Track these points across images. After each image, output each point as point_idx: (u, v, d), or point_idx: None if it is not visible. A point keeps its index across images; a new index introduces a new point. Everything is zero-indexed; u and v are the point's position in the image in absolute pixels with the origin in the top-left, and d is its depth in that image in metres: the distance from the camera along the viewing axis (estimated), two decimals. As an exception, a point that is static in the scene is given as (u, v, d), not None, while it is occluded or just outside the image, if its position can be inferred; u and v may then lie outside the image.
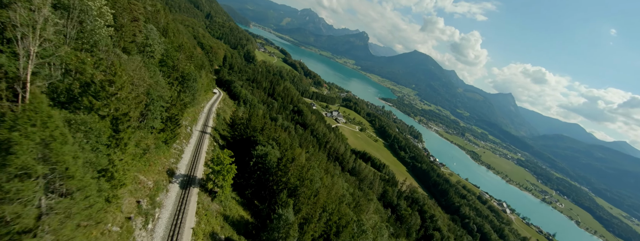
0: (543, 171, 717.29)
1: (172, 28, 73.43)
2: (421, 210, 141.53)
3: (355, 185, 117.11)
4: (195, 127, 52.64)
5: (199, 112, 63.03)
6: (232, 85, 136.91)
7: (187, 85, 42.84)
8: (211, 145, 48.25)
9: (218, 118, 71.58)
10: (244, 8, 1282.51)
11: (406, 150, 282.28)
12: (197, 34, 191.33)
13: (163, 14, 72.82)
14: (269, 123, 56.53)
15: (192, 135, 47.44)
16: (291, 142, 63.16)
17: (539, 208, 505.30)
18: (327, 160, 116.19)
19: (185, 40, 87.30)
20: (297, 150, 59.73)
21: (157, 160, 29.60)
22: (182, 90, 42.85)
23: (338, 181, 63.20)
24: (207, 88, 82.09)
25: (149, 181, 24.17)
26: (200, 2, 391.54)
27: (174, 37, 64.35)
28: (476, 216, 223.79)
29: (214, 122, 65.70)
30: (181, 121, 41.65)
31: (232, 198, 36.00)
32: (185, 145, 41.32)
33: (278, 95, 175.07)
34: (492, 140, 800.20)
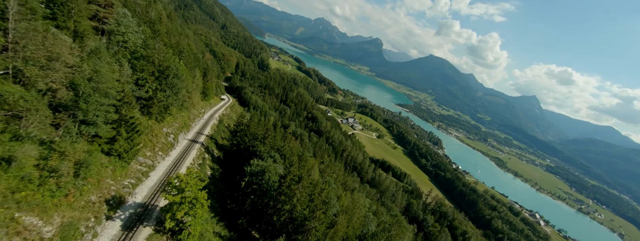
0: (576, 178, 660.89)
1: (168, 27, 65.72)
2: (451, 225, 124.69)
3: (376, 198, 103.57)
4: (185, 135, 42.85)
5: (195, 118, 53.65)
6: (243, 91, 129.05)
7: (166, 83, 33.34)
8: (199, 158, 38.14)
9: (219, 125, 61.98)
10: (259, 20, 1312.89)
11: (428, 158, 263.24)
12: (209, 41, 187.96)
13: (155, 8, 65.40)
14: (272, 130, 45.94)
15: (177, 146, 37.54)
16: (302, 152, 52.19)
17: (575, 219, 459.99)
18: (344, 170, 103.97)
19: (188, 42, 79.74)
20: (310, 161, 48.48)
21: (96, 184, 19.64)
22: (160, 88, 33.28)
23: (359, 198, 51.32)
24: (209, 92, 73.17)
25: (47, 226, 13.83)
26: (215, 14, 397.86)
27: (169, 37, 56.43)
28: (510, 231, 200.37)
29: (213, 130, 56.01)
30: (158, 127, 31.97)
31: (215, 233, 25.13)
32: (161, 160, 31.41)
33: (291, 102, 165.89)
34: (517, 145, 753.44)
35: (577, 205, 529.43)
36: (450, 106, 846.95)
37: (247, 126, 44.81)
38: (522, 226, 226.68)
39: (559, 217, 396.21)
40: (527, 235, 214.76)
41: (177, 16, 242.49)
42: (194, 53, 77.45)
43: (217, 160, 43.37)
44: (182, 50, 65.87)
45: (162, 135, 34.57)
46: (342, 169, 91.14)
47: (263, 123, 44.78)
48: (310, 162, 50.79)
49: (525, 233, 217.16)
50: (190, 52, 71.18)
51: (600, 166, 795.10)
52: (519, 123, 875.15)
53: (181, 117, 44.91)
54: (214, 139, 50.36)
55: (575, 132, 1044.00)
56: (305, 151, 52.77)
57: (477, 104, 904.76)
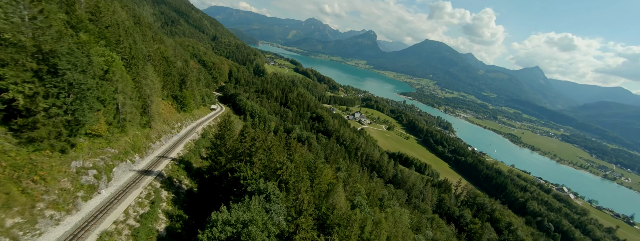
0: (594, 144, 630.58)
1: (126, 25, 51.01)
2: (491, 218, 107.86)
3: (404, 199, 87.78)
4: (130, 165, 27.97)
5: (160, 136, 38.97)
6: (237, 98, 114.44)
7: (56, 81, 18.46)
8: (145, 202, 23.31)
9: (200, 141, 47.05)
10: (250, 29, 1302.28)
11: (443, 144, 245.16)
12: (197, 52, 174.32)
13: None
14: (262, 139, 30.70)
15: (104, 186, 22.67)
16: (314, 165, 36.98)
17: (602, 186, 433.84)
18: (363, 172, 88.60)
19: (158, 46, 65.20)
20: (326, 176, 33.52)
21: None
22: (46, 91, 18.50)
23: (401, 216, 36.08)
24: (188, 101, 58.43)
25: None
26: (204, 27, 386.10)
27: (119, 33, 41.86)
28: (548, 212, 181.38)
29: (188, 149, 41.16)
30: (57, 161, 17.25)
31: None
32: (66, 214, 16.75)
33: (292, 103, 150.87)
34: (528, 118, 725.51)
35: (601, 172, 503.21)
36: (453, 88, 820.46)
37: (220, 138, 29.80)
38: (558, 205, 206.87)
39: (586, 187, 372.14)
40: (566, 213, 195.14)
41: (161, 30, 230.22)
42: (165, 57, 62.79)
43: (186, 198, 28.45)
44: (150, 55, 51.34)
45: (68, 175, 19.67)
46: (366, 176, 75.84)
47: (250, 134, 29.61)
48: (326, 177, 35.51)
49: (564, 212, 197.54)
50: (159, 55, 56.68)
51: (616, 128, 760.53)
52: (526, 96, 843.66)
53: (129, 137, 30.14)
54: (186, 163, 35.45)
55: (584, 97, 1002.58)
56: (318, 160, 37.28)
57: (481, 83, 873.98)
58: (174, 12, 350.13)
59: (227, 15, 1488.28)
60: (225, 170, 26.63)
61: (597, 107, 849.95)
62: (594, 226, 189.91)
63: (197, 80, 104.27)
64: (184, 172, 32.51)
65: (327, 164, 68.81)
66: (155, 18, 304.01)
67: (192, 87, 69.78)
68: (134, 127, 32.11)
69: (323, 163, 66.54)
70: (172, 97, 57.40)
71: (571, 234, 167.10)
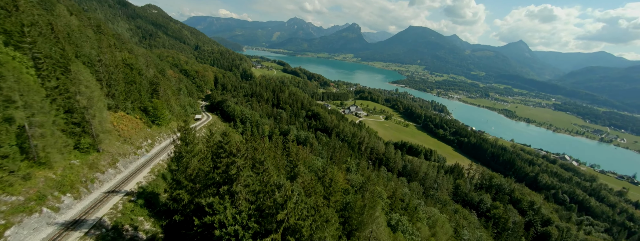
0: (586, 109, 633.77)
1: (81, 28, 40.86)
2: (511, 198, 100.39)
3: (421, 191, 79.40)
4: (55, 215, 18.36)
5: (117, 160, 29.44)
6: (224, 104, 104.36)
7: None
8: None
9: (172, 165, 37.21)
10: (233, 35, 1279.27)
11: (444, 127, 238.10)
12: (178, 62, 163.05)
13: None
14: (249, 150, 21.01)
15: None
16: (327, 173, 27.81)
17: (600, 150, 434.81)
18: (368, 166, 79.96)
19: (124, 54, 54.86)
20: (337, 180, 24.60)
21: None
22: None
23: (444, 224, 27.55)
24: (160, 112, 48.64)
25: None
26: (185, 37, 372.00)
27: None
28: (560, 183, 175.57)
29: (157, 174, 31.56)
30: None
31: None
32: None
33: (284, 104, 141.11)
34: (518, 92, 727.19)
35: (597, 136, 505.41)
36: (442, 71, 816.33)
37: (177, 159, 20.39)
38: (568, 174, 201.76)
39: (586, 153, 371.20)
40: (577, 182, 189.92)
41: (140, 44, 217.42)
42: (128, 64, 52.74)
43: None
44: (101, 59, 41.30)
45: None
46: (381, 175, 66.94)
47: (231, 146, 19.95)
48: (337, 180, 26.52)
49: (574, 181, 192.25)
50: (120, 63, 46.75)
51: (604, 92, 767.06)
52: (514, 71, 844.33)
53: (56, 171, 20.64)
54: (149, 196, 25.86)
55: (569, 65, 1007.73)
56: (330, 169, 28.06)
57: (468, 62, 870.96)
58: (151, 25, 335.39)
59: (208, 24, 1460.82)
60: (190, 210, 17.39)
61: (583, 74, 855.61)
62: (606, 192, 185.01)
63: (178, 90, 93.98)
64: (143, 210, 23.06)
65: (333, 165, 59.83)
66: (131, 33, 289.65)
67: (166, 96, 59.75)
68: (62, 156, 22.41)
69: (330, 165, 57.73)
70: (140, 109, 47.46)
71: (587, 203, 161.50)
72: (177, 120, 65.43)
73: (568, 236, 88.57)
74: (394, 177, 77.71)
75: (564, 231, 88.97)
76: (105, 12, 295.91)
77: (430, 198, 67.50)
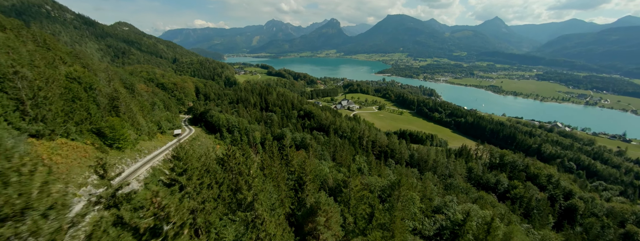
0: (567, 76, 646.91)
1: None
2: (528, 175, 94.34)
3: (439, 181, 71.84)
4: None
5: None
6: (208, 114, 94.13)
7: None
8: None
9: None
10: (212, 44, 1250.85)
11: (438, 110, 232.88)
12: (153, 76, 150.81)
13: None
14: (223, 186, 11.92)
15: None
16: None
17: (587, 113, 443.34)
18: (380, 162, 71.74)
19: (74, 67, 44.51)
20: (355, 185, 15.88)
21: None
22: None
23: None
24: (119, 133, 38.82)
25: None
26: (161, 52, 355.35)
27: None
28: (564, 151, 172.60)
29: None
30: None
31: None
32: None
33: (274, 106, 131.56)
34: (501, 68, 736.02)
35: (582, 100, 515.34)
36: (425, 56, 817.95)
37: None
38: (568, 141, 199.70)
39: (575, 118, 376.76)
40: (579, 148, 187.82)
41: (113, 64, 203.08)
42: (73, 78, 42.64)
43: None
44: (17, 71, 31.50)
45: None
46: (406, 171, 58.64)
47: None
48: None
49: (576, 147, 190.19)
50: (60, 77, 36.83)
51: (581, 57, 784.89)
52: (493, 47, 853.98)
53: None
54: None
55: (545, 36, 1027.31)
56: (352, 180, 19.07)
57: (449, 44, 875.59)
58: (123, 43, 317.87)
59: (185, 37, 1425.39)
60: None
61: (559, 42, 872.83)
62: (609, 154, 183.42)
63: (152, 105, 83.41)
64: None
65: (339, 167, 51.30)
66: (102, 53, 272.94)
67: (130, 113, 49.64)
68: None
69: (336, 168, 49.04)
70: (92, 132, 37.50)
71: (593, 168, 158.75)
72: (150, 138, 55.42)
73: (594, 207, 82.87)
74: (406, 170, 69.87)
75: (589, 201, 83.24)
76: (71, 34, 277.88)
77: (452, 189, 60.14)
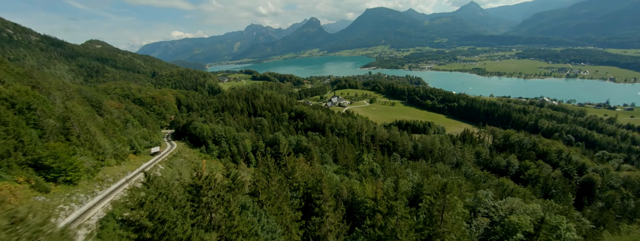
0: (545, 52, 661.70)
1: None
2: (537, 153, 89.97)
3: (450, 170, 65.96)
4: None
5: None
6: (191, 125, 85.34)
7: None
8: None
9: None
10: (193, 55, 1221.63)
11: (430, 97, 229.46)
12: (128, 92, 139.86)
13: None
14: None
15: None
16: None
17: (570, 85, 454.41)
18: (387, 158, 65.24)
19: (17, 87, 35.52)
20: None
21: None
22: None
23: None
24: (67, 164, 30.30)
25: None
26: (138, 67, 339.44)
27: None
28: (560, 124, 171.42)
29: None
30: None
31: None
32: None
33: (262, 110, 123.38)
34: (482, 50, 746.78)
35: (563, 73, 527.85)
36: (408, 46, 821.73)
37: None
38: (562, 114, 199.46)
39: (559, 91, 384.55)
40: (573, 120, 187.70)
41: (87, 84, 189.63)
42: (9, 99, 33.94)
43: None
44: None
45: None
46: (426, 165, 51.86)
47: None
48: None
49: (569, 119, 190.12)
50: None
51: (556, 32, 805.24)
52: (472, 31, 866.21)
53: None
54: None
55: (520, 15, 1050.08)
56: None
57: (430, 32, 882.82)
58: (96, 61, 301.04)
59: (164, 49, 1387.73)
60: None
61: (534, 20, 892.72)
62: (603, 123, 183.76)
63: (124, 122, 74.12)
64: None
65: (346, 170, 44.27)
66: (74, 74, 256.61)
67: (87, 134, 40.98)
68: None
69: (342, 171, 41.98)
70: (27, 165, 29.07)
71: (591, 138, 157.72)
72: (118, 161, 46.77)
73: (610, 178, 78.92)
74: (426, 165, 63.48)
75: (605, 174, 79.25)
76: (38, 56, 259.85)
77: (471, 180, 54.22)
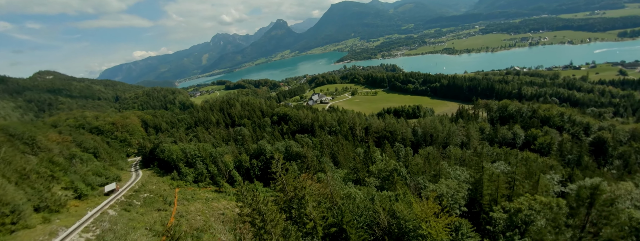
0: (506, 25, 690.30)
1: None
2: (541, 119, 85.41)
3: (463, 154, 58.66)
4: None
5: None
6: (158, 149, 72.12)
7: None
8: None
9: None
10: (160, 74, 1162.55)
11: (411, 81, 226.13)
12: (83, 121, 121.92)
13: None
14: None
15: None
16: None
17: (534, 52, 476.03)
18: (393, 154, 56.60)
19: None
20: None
21: None
22: None
23: None
24: None
25: None
26: (98, 93, 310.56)
27: None
28: (542, 88, 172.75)
29: None
30: None
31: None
32: None
33: (241, 118, 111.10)
34: (448, 31, 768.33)
35: (526, 43, 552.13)
36: (377, 35, 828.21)
37: None
38: (540, 80, 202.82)
39: (524, 59, 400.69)
40: (552, 83, 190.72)
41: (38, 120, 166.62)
42: None
43: None
44: None
45: None
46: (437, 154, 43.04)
47: None
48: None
49: (547, 82, 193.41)
50: None
51: (512, 6, 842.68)
52: (435, 14, 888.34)
53: None
54: None
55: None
56: None
57: (396, 20, 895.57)
58: (47, 93, 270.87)
59: (127, 72, 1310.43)
60: None
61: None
62: (580, 82, 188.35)
63: (69, 159, 59.94)
64: None
65: (355, 174, 34.69)
66: (22, 110, 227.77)
67: None
68: None
69: (350, 177, 32.45)
70: None
71: (573, 97, 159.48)
72: (50, 214, 33.98)
73: (617, 134, 75.30)
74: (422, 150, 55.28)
75: (613, 130, 75.52)
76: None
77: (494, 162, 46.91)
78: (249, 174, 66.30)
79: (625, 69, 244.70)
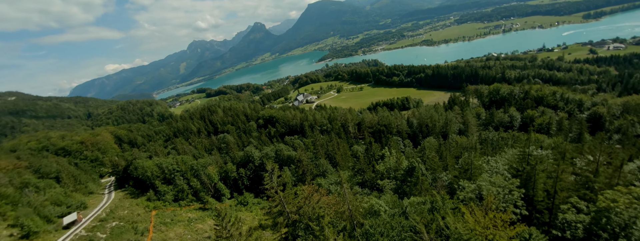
0: (478, 14, 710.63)
1: None
2: (534, 100, 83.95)
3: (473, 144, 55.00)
4: None
5: None
6: (131, 167, 63.99)
7: None
8: None
9: None
10: (136, 86, 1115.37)
11: (396, 73, 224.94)
12: (46, 143, 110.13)
13: None
14: None
15: None
16: None
17: (508, 39, 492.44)
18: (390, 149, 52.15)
19: None
20: None
21: None
22: None
23: None
24: None
25: None
26: (68, 111, 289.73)
27: None
28: (524, 71, 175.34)
29: None
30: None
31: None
32: None
33: (224, 125, 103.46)
34: (425, 23, 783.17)
35: (499, 30, 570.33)
36: (356, 32, 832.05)
37: None
38: (520, 63, 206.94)
39: (501, 45, 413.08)
40: (532, 65, 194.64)
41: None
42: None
43: None
44: None
45: None
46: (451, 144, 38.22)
47: None
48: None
49: (527, 64, 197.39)
50: None
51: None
52: (411, 8, 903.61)
53: None
54: None
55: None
56: None
57: (373, 16, 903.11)
58: (9, 115, 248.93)
59: (101, 87, 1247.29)
60: None
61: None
62: (559, 62, 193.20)
63: (20, 188, 51.09)
64: None
65: (360, 176, 29.51)
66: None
67: None
68: None
69: (356, 179, 27.47)
70: None
71: (555, 77, 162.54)
72: None
73: (611, 108, 74.59)
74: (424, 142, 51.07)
75: (607, 104, 74.76)
76: None
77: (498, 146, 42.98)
78: (237, 185, 59.79)
79: (594, 48, 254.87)
